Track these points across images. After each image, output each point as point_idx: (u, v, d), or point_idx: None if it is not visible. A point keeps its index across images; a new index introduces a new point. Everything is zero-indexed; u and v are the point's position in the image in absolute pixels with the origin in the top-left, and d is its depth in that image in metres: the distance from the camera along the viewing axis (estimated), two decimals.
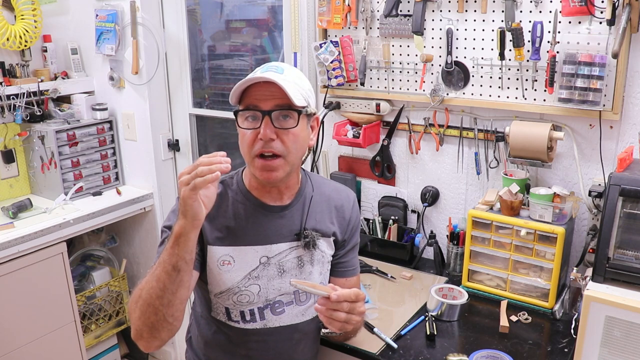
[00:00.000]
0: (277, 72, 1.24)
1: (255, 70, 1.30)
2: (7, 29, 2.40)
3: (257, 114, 1.23)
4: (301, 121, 1.26)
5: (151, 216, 2.74)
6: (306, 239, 1.37)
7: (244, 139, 1.26)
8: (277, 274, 1.36)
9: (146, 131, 2.64)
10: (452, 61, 1.91)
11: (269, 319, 1.38)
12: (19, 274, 2.16)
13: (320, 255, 1.41)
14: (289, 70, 1.29)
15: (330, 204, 1.44)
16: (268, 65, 1.29)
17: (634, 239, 1.43)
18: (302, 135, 1.28)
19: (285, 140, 1.24)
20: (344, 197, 1.48)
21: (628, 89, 1.68)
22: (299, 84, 1.26)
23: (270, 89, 1.21)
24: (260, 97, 1.22)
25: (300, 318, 1.42)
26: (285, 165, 1.26)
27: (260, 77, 1.21)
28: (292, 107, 1.23)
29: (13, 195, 2.60)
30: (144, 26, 2.48)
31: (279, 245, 1.36)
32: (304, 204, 1.40)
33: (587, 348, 1.39)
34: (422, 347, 1.57)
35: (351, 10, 2.04)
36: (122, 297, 2.78)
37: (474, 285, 1.87)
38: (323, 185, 1.47)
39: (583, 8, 1.63)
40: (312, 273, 1.40)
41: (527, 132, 1.78)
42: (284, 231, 1.36)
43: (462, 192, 2.07)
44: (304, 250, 1.38)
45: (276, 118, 1.23)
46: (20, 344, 2.22)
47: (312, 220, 1.40)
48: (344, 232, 1.46)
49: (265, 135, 1.21)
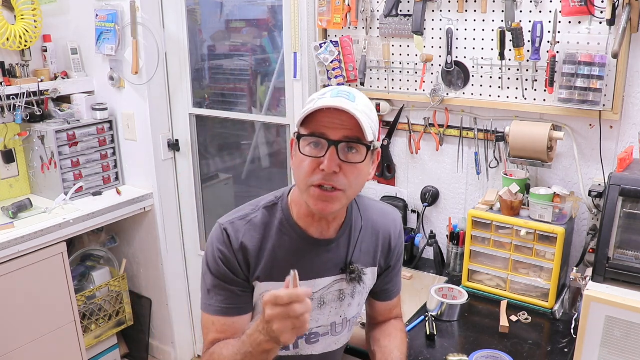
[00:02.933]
0: (349, 100, 1.13)
1: (323, 92, 1.18)
2: (7, 29, 2.40)
3: (322, 142, 1.13)
4: (367, 156, 1.17)
5: (151, 216, 2.74)
6: (352, 274, 1.30)
7: (302, 165, 1.15)
8: (317, 306, 1.31)
9: (146, 131, 2.64)
10: (452, 61, 1.91)
11: (302, 348, 1.35)
12: (19, 274, 2.16)
13: (362, 287, 1.36)
14: (360, 98, 1.17)
15: (377, 232, 1.37)
16: (338, 89, 1.17)
17: (634, 239, 1.43)
18: (365, 171, 1.19)
19: (348, 175, 1.15)
20: (391, 222, 1.40)
21: (628, 89, 1.67)
22: (369, 115, 1.16)
23: (340, 117, 1.12)
24: (329, 125, 1.12)
25: (333, 347, 1.39)
26: (343, 199, 1.17)
27: (333, 105, 1.10)
28: (361, 140, 1.13)
29: (13, 195, 2.60)
30: (144, 26, 2.48)
31: (324, 280, 1.30)
32: (351, 235, 1.32)
33: (587, 348, 1.39)
34: (422, 347, 1.57)
35: (351, 10, 2.04)
36: (122, 297, 2.78)
37: (474, 285, 1.87)
38: (369, 210, 1.38)
39: (583, 8, 1.63)
40: (351, 305, 1.36)
41: (527, 132, 1.78)
42: (329, 265, 1.30)
43: (462, 192, 2.07)
44: (347, 284, 1.33)
45: (342, 150, 1.13)
46: (20, 344, 2.22)
47: (358, 252, 1.33)
48: (389, 259, 1.41)
49: (330, 168, 1.12)
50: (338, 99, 1.13)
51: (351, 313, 1.38)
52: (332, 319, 1.34)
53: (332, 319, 1.35)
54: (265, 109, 2.66)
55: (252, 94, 2.72)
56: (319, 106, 1.11)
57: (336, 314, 1.34)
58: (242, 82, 2.73)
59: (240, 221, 1.26)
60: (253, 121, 2.76)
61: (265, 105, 2.66)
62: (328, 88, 1.20)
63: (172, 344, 2.94)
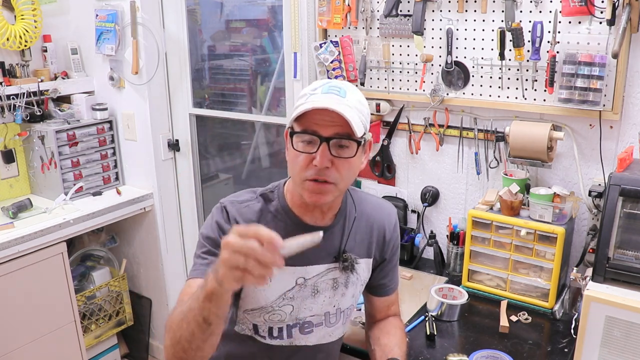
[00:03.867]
0: (340, 95, 1.18)
1: (314, 87, 1.22)
2: (7, 29, 2.40)
3: (314, 139, 1.18)
4: (358, 151, 1.22)
5: (151, 216, 2.74)
6: (345, 262, 1.33)
7: (296, 160, 1.21)
8: (310, 295, 1.33)
9: (146, 131, 2.64)
10: (452, 61, 1.91)
11: (296, 337, 1.36)
12: (19, 274, 2.16)
13: (355, 277, 1.38)
14: (351, 92, 1.21)
15: (371, 224, 1.40)
16: (329, 85, 1.21)
17: (634, 239, 1.43)
18: (357, 163, 1.24)
19: (340, 169, 1.20)
20: (385, 216, 1.44)
21: (628, 89, 1.68)
22: (360, 110, 1.20)
23: (330, 114, 1.16)
24: (320, 122, 1.17)
25: (327, 339, 1.41)
26: (335, 190, 1.22)
27: (323, 105, 1.15)
28: (351, 136, 1.18)
29: (13, 195, 2.60)
30: (144, 26, 2.48)
31: (316, 267, 1.32)
32: (345, 224, 1.36)
33: (587, 348, 1.39)
34: (422, 347, 1.57)
35: (351, 10, 2.04)
36: (122, 297, 2.78)
37: (474, 285, 1.87)
38: (364, 203, 1.42)
39: (583, 8, 1.63)
40: (344, 295, 1.38)
41: (527, 132, 1.78)
42: (322, 253, 1.32)
43: (462, 192, 2.07)
44: (340, 273, 1.35)
45: (334, 146, 1.18)
46: (20, 344, 2.22)
47: (352, 242, 1.36)
48: (384, 252, 1.43)
49: (322, 163, 1.17)
50: (328, 95, 1.17)
51: (345, 304, 1.39)
52: (325, 308, 1.36)
53: (326, 309, 1.36)
54: (265, 109, 2.66)
55: (252, 94, 2.73)
56: (309, 107, 1.16)
57: (329, 303, 1.36)
58: (242, 82, 2.73)
59: (239, 204, 1.33)
60: (253, 121, 2.77)
61: (265, 105, 2.66)
62: (319, 82, 1.24)
63: None
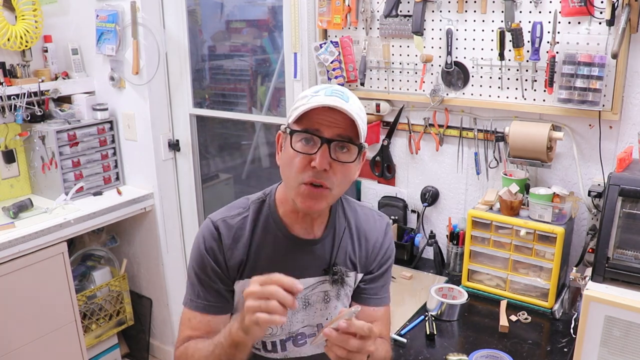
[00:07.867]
0: (343, 100, 1.13)
1: (317, 89, 1.17)
2: (8, 29, 2.40)
3: (315, 139, 1.13)
4: (357, 157, 1.17)
5: (151, 216, 2.74)
6: (335, 275, 1.29)
7: (292, 161, 1.15)
8: (301, 307, 1.31)
9: (146, 131, 2.64)
10: (452, 61, 1.92)
11: (290, 350, 1.35)
12: (19, 274, 2.16)
13: (346, 290, 1.35)
14: (353, 99, 1.17)
15: (362, 236, 1.35)
16: (332, 88, 1.17)
17: (633, 239, 1.43)
18: (353, 170, 1.19)
19: (337, 173, 1.15)
20: (378, 228, 1.37)
21: (627, 89, 1.68)
22: (361, 117, 1.15)
23: (334, 115, 1.12)
24: (322, 122, 1.12)
25: (321, 349, 1.38)
26: (329, 197, 1.18)
27: (330, 104, 1.10)
28: (353, 140, 1.14)
29: (14, 195, 2.60)
30: (144, 26, 2.49)
31: (306, 280, 1.29)
32: (335, 236, 1.31)
33: (587, 348, 1.39)
34: (422, 346, 1.58)
35: (351, 11, 2.05)
36: (122, 296, 2.79)
37: (474, 285, 1.87)
38: (356, 213, 1.37)
39: (582, 8, 1.63)
40: (337, 307, 1.35)
41: (527, 132, 1.79)
42: (312, 266, 1.29)
43: (462, 192, 2.08)
44: (330, 286, 1.32)
45: (334, 148, 1.13)
46: (21, 344, 2.22)
47: (342, 254, 1.32)
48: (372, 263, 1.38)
49: (321, 165, 1.11)
50: (332, 97, 1.13)
51: None
52: (317, 320, 1.34)
53: (318, 320, 1.34)
54: (266, 109, 2.66)
55: (252, 94, 2.73)
56: (317, 104, 1.11)
57: (322, 315, 1.34)
58: (242, 82, 2.73)
59: (232, 219, 1.27)
60: (253, 121, 2.77)
61: (266, 106, 2.66)
62: (321, 86, 1.20)
63: (172, 343, 2.94)
